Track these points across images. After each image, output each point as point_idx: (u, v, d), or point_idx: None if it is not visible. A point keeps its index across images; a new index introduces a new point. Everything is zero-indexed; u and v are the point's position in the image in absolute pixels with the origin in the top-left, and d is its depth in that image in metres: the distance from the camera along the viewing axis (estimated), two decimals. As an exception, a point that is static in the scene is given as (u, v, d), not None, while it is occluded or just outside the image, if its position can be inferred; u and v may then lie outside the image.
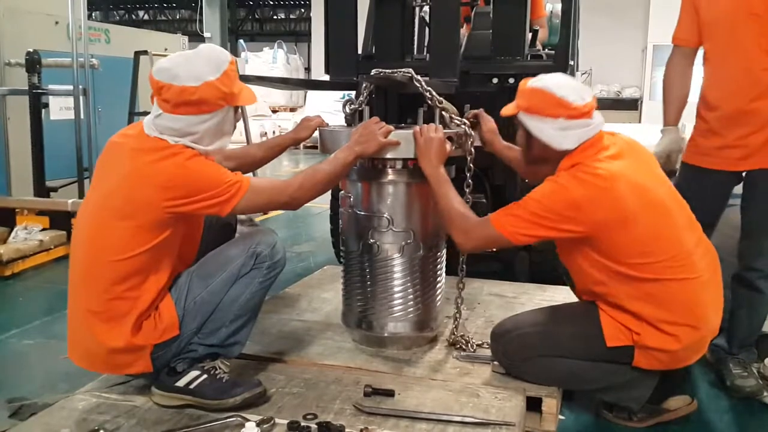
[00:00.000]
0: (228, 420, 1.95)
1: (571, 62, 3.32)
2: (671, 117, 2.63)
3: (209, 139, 2.01)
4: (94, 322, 1.96)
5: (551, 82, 2.10)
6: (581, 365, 2.17)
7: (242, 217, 2.60)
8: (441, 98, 2.43)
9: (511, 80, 3.27)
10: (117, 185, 1.96)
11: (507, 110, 2.20)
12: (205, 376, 2.04)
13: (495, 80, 3.23)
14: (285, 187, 2.09)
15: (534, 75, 3.66)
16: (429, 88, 2.41)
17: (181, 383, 2.03)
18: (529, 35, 3.70)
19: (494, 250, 3.56)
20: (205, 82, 1.93)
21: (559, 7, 3.75)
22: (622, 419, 2.30)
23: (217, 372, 2.07)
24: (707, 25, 2.52)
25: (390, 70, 2.49)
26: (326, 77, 3.49)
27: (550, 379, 2.20)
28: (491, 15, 3.38)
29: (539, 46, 4.51)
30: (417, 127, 2.30)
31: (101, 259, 1.95)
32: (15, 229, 4.48)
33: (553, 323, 2.24)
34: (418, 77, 2.43)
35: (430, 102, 2.42)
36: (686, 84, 2.64)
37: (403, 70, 2.46)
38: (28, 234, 4.45)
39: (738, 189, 2.86)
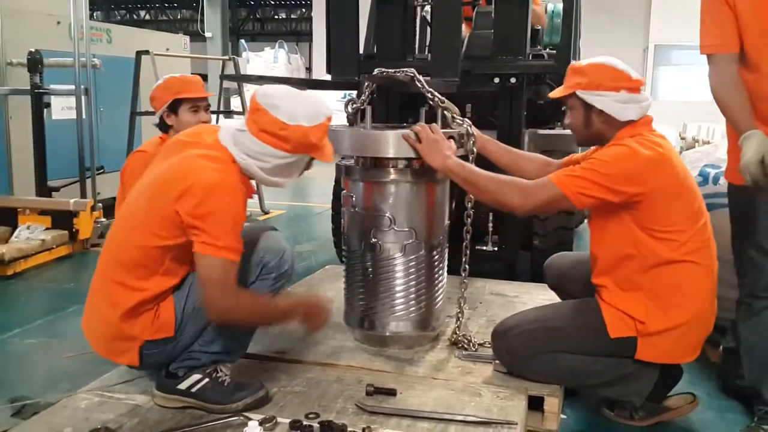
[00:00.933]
0: (230, 419, 1.95)
1: (573, 62, 3.32)
2: (747, 122, 2.19)
3: (275, 173, 2.02)
4: (100, 299, 1.99)
5: (608, 58, 2.21)
6: (584, 360, 2.18)
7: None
8: (443, 98, 2.43)
9: (513, 80, 3.28)
10: (164, 168, 2.00)
11: (558, 92, 2.25)
12: (207, 379, 2.04)
13: (497, 80, 3.23)
14: (236, 293, 1.93)
15: (536, 75, 3.69)
16: (430, 89, 2.42)
17: (182, 386, 2.03)
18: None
19: (495, 249, 3.57)
20: (298, 125, 1.94)
21: (560, 6, 3.75)
22: (624, 418, 2.30)
23: (218, 375, 2.05)
24: (755, 31, 2.20)
25: (392, 70, 2.49)
26: (328, 77, 3.50)
27: (553, 376, 2.20)
28: (492, 15, 3.38)
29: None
30: (409, 132, 2.29)
31: (126, 240, 1.99)
32: (18, 229, 4.49)
33: (555, 319, 2.26)
34: (420, 77, 2.43)
35: (431, 102, 2.42)
36: (743, 87, 2.24)
37: (405, 69, 2.46)
38: (31, 233, 4.46)
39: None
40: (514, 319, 2.33)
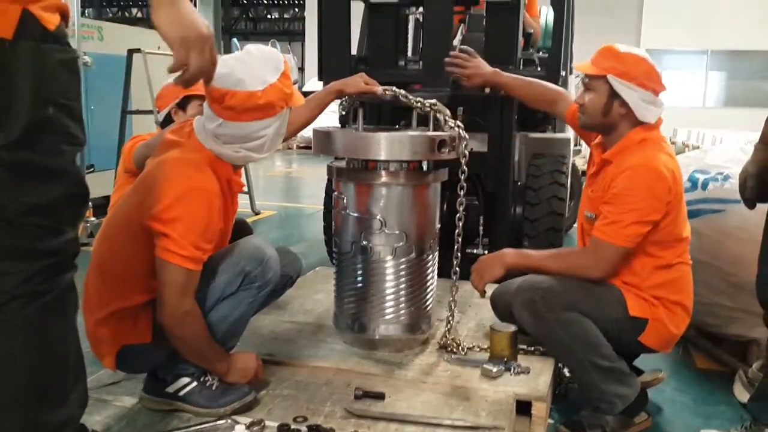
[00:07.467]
0: (218, 422, 1.95)
1: (563, 72, 3.32)
2: None
3: (270, 143, 1.99)
4: (83, 301, 1.95)
5: (644, 53, 2.23)
6: (602, 339, 2.19)
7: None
8: (434, 101, 2.43)
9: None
10: (141, 175, 1.98)
11: (588, 69, 2.24)
12: (195, 383, 2.02)
13: (487, 90, 3.23)
14: (189, 305, 1.88)
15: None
16: (418, 99, 2.41)
17: (170, 389, 2.02)
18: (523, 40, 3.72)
19: (486, 252, 3.57)
20: (269, 85, 1.89)
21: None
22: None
23: (206, 379, 2.04)
24: None
25: (377, 89, 2.46)
26: (318, 83, 3.49)
27: (569, 337, 2.17)
28: (484, 22, 3.40)
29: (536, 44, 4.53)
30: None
31: (109, 250, 1.97)
32: None
33: (586, 283, 2.24)
34: (404, 92, 2.42)
35: (421, 111, 2.42)
36: None
37: (387, 88, 2.44)
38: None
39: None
40: (542, 277, 2.29)
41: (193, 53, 1.46)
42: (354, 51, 3.93)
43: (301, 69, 19.34)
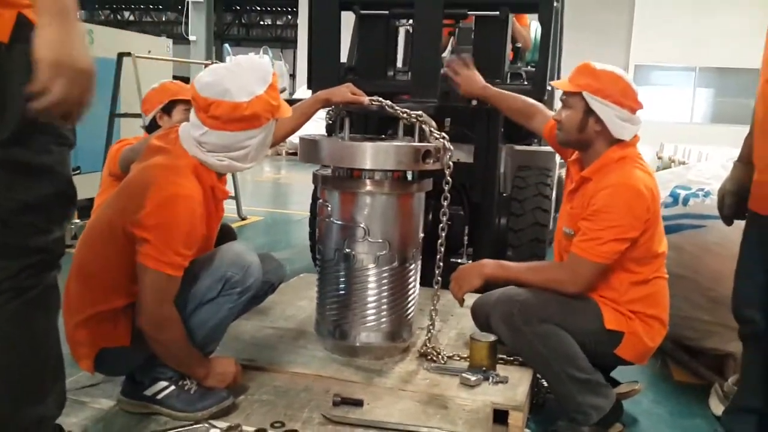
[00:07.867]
0: (195, 426, 1.95)
1: (549, 88, 3.37)
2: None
3: (254, 153, 2.00)
4: (64, 304, 1.92)
5: (621, 71, 2.25)
6: (579, 351, 2.22)
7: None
8: (420, 112, 2.45)
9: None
10: (125, 181, 1.99)
11: (564, 86, 2.28)
12: (172, 387, 2.03)
13: (474, 102, 3.26)
14: (169, 310, 1.89)
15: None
16: (405, 110, 2.44)
17: (148, 392, 2.02)
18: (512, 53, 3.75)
19: (470, 261, 3.60)
20: (256, 96, 1.90)
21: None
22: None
23: (184, 383, 2.04)
24: None
25: (363, 99, 2.49)
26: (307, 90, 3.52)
27: (546, 349, 2.20)
28: (473, 35, 3.44)
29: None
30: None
31: (91, 253, 1.97)
32: None
33: (562, 298, 2.26)
34: (390, 102, 2.45)
35: (407, 122, 2.45)
36: None
37: (373, 99, 2.47)
38: None
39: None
40: (520, 289, 2.31)
41: (60, 81, 1.24)
42: (344, 60, 3.96)
43: (293, 76, 19.36)
